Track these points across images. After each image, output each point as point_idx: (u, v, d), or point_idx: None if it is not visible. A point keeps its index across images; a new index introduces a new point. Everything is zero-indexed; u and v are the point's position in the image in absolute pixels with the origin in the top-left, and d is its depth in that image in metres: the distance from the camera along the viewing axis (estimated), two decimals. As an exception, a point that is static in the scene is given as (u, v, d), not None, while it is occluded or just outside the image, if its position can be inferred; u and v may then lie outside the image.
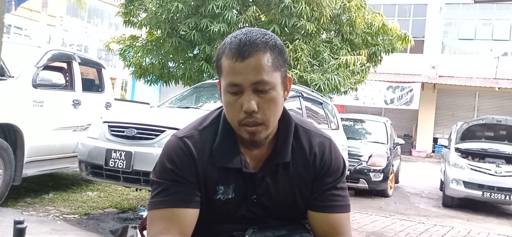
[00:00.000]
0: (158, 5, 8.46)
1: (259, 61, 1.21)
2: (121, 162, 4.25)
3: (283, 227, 1.36)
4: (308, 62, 8.30)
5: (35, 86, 5.00)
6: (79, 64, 5.92)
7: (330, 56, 8.66)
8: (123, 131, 4.43)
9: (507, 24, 20.22)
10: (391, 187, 9.02)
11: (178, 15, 8.35)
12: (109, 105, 6.45)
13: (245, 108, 1.22)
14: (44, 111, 5.11)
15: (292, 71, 7.86)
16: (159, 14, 8.41)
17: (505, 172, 7.85)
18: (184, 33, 8.34)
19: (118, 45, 9.63)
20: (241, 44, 1.22)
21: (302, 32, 8.35)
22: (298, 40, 8.19)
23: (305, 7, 7.85)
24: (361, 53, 9.12)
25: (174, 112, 5.22)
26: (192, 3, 8.45)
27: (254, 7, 8.09)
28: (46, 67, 5.27)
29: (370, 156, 8.58)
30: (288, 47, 8.02)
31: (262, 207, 1.35)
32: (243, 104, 1.22)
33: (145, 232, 1.40)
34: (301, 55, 8.03)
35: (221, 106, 1.38)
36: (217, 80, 1.35)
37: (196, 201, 1.29)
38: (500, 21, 20.32)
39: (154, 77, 9.40)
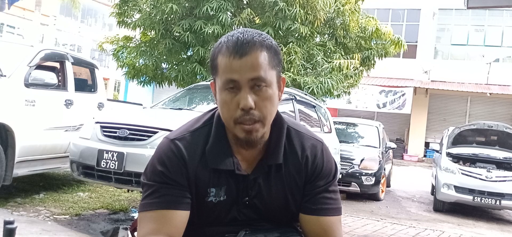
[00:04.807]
0: (152, 6, 8.45)
1: (256, 58, 1.22)
2: (113, 163, 4.23)
3: (275, 230, 1.36)
4: (301, 65, 8.32)
5: (27, 85, 4.97)
6: (72, 64, 5.89)
7: (324, 59, 8.69)
8: (115, 132, 4.41)
9: (499, 30, 20.41)
10: (382, 191, 9.06)
11: (172, 16, 8.35)
12: (102, 106, 6.42)
13: (242, 104, 1.22)
14: (36, 110, 5.08)
15: (286, 74, 7.88)
16: (153, 15, 8.40)
17: (496, 177, 7.90)
18: (178, 34, 8.33)
19: (112, 46, 9.60)
20: (239, 42, 1.23)
21: (296, 35, 8.37)
22: (292, 43, 8.21)
23: (299, 11, 7.88)
24: (354, 57, 9.15)
25: (167, 113, 5.22)
26: (187, 5, 8.45)
27: (249, 9, 8.10)
28: (39, 67, 5.24)
29: (362, 160, 8.61)
30: (281, 50, 8.03)
31: (254, 209, 1.35)
32: (240, 101, 1.22)
33: (136, 234, 1.39)
34: (294, 58, 8.05)
35: (214, 108, 1.38)
36: (210, 81, 1.36)
37: (186, 203, 1.29)
38: (492, 27, 20.51)
39: (147, 78, 9.37)
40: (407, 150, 20.78)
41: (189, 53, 8.85)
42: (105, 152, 4.29)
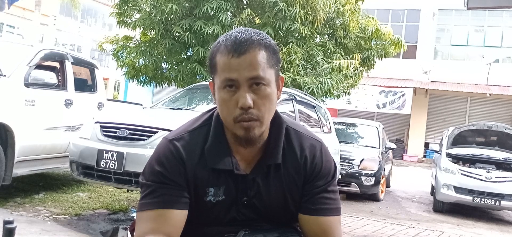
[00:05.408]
0: (152, 6, 8.44)
1: (254, 57, 1.22)
2: (112, 162, 4.23)
3: (275, 230, 1.36)
4: (301, 65, 8.32)
5: (27, 85, 4.97)
6: (72, 63, 5.89)
7: (324, 59, 8.69)
8: (115, 132, 4.41)
9: (498, 31, 20.41)
10: (382, 191, 9.05)
11: (172, 16, 8.34)
12: (102, 106, 6.42)
13: (241, 103, 1.22)
14: (36, 110, 5.08)
15: (286, 74, 7.88)
16: (153, 15, 8.39)
17: (495, 177, 7.90)
18: (178, 34, 8.33)
19: (111, 46, 9.59)
20: (237, 41, 1.23)
21: (296, 35, 8.37)
22: (291, 43, 8.21)
23: (299, 11, 7.87)
24: (354, 57, 9.15)
25: (167, 113, 5.22)
26: (187, 5, 8.45)
27: (249, 9, 8.10)
28: (39, 66, 5.24)
29: (362, 160, 8.61)
30: (281, 50, 8.03)
31: (253, 209, 1.35)
32: (238, 100, 1.22)
33: (134, 233, 1.39)
34: (294, 58, 8.05)
35: (213, 108, 1.38)
36: (209, 81, 1.36)
37: (184, 202, 1.30)
38: (492, 28, 20.51)
39: (147, 78, 9.37)
40: (406, 150, 20.78)
41: (189, 53, 8.85)
42: (104, 152, 4.29)
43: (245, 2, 8.77)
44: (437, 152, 9.85)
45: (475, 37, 20.83)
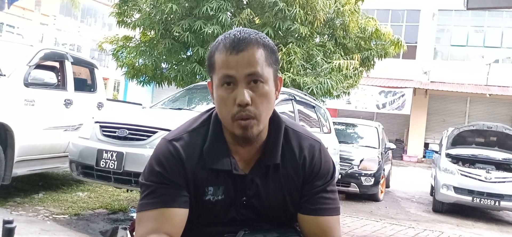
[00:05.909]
0: (152, 6, 8.45)
1: (253, 54, 1.23)
2: (112, 162, 4.23)
3: (274, 230, 1.36)
4: (301, 66, 8.32)
5: (27, 85, 4.97)
6: (72, 63, 5.89)
7: (323, 59, 8.69)
8: (114, 132, 4.41)
9: (498, 31, 20.42)
10: (382, 192, 9.06)
11: (172, 16, 8.35)
12: (101, 105, 6.42)
13: (238, 100, 1.22)
14: (36, 110, 5.08)
15: (285, 74, 7.88)
16: (153, 15, 8.40)
17: (495, 178, 7.90)
18: (177, 34, 8.33)
19: (111, 45, 9.59)
20: (235, 39, 1.24)
21: (296, 35, 8.37)
22: (291, 43, 8.22)
23: (299, 11, 7.88)
24: (354, 57, 9.16)
25: (167, 113, 5.22)
26: (186, 5, 8.45)
27: (249, 9, 8.10)
28: (38, 66, 5.24)
29: (361, 160, 8.61)
30: (281, 50, 8.04)
31: (252, 209, 1.35)
32: (236, 97, 1.23)
33: (134, 233, 1.39)
34: (294, 58, 8.05)
35: (212, 108, 1.39)
36: (208, 81, 1.36)
37: (184, 201, 1.30)
38: (492, 28, 20.52)
39: (147, 78, 9.38)
40: (406, 150, 20.78)
41: (188, 53, 8.85)
42: (104, 151, 4.29)
43: (245, 2, 8.78)
44: (436, 152, 9.86)
45: (475, 38, 20.84)
